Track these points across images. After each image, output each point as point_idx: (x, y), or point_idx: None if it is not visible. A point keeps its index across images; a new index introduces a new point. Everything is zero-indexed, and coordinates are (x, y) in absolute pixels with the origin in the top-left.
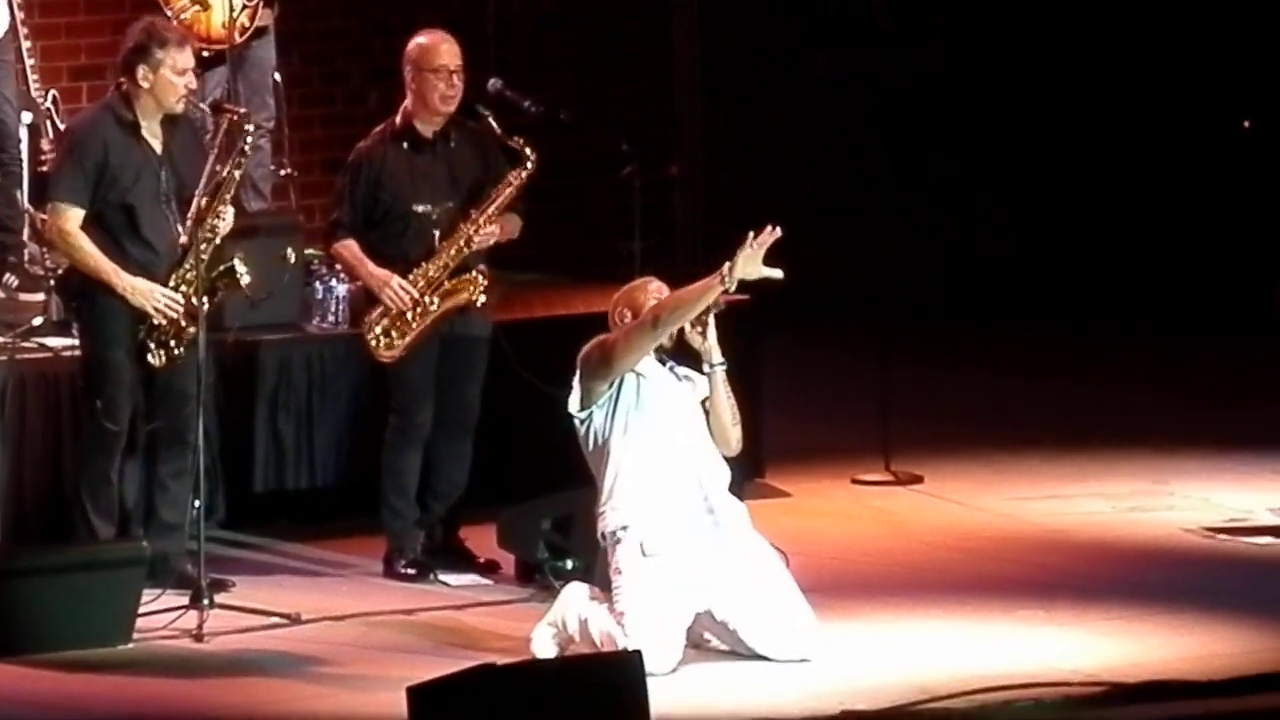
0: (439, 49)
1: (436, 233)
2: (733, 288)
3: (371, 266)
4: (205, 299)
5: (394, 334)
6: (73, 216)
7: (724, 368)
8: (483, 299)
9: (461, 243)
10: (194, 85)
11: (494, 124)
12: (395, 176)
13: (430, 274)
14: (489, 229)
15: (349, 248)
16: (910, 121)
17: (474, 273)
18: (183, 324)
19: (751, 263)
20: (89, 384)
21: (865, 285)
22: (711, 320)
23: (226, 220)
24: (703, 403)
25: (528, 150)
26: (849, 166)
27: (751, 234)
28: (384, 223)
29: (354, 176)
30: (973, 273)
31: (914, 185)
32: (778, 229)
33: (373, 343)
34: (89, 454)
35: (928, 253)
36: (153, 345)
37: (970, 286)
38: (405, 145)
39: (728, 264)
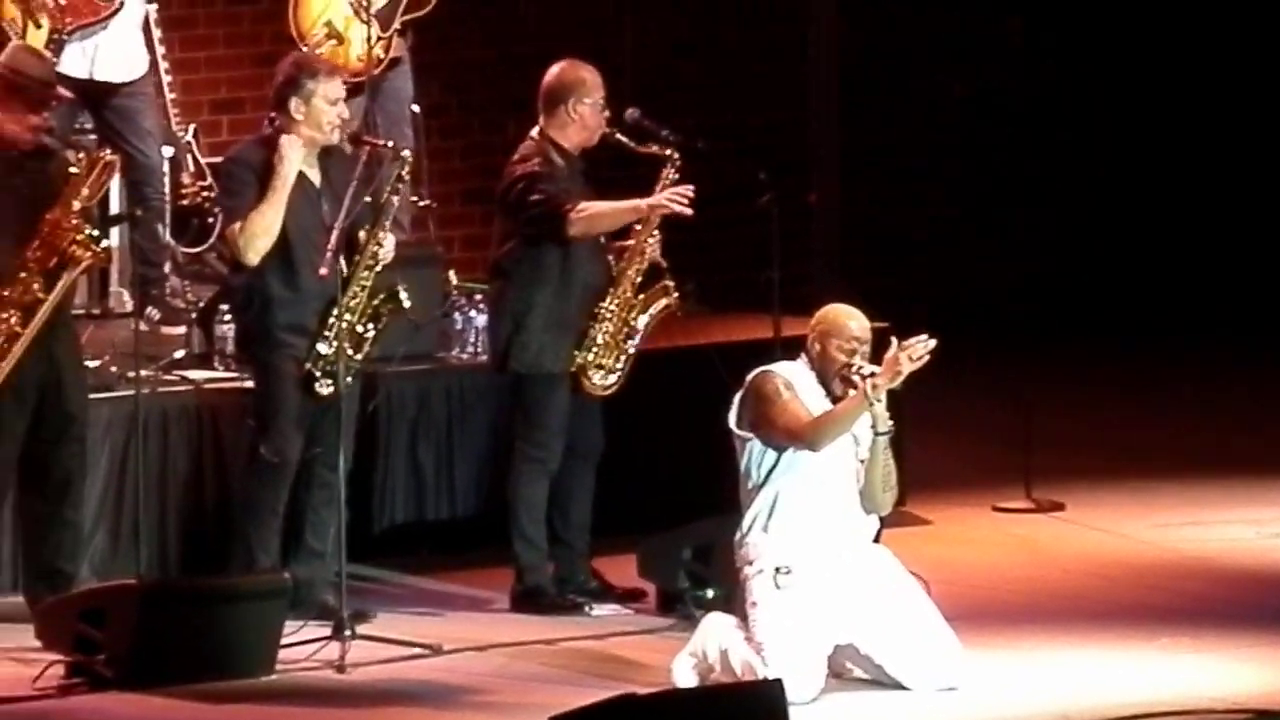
0: (597, 80)
1: (610, 258)
2: (878, 402)
3: (627, 202)
4: (370, 326)
5: (605, 365)
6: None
7: (889, 436)
8: (677, 302)
9: (640, 256)
10: (346, 115)
11: (624, 139)
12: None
13: (624, 295)
14: (656, 236)
15: (589, 205)
16: (1045, 141)
17: (663, 282)
18: (349, 352)
19: (899, 378)
20: (261, 419)
21: (1005, 308)
22: (885, 387)
23: (387, 247)
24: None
25: (667, 151)
26: (986, 188)
27: (896, 344)
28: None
29: (547, 181)
30: (1110, 293)
31: (1050, 205)
32: (931, 340)
33: (589, 381)
34: (258, 487)
35: (1065, 273)
36: (320, 376)
37: (1107, 307)
38: (566, 172)
39: (870, 381)
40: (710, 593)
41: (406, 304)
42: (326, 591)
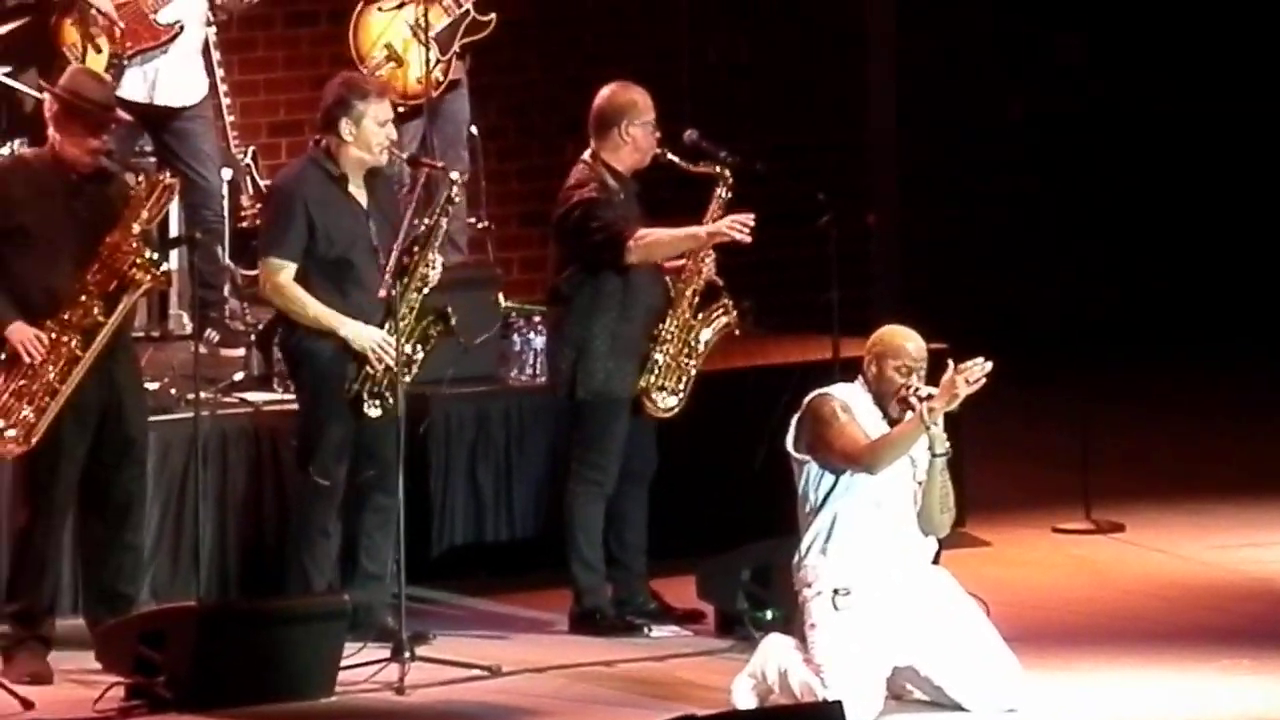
0: (648, 102)
1: (667, 279)
2: (934, 426)
3: (686, 230)
4: (419, 347)
5: (668, 386)
6: (286, 272)
7: (946, 458)
8: (736, 321)
9: (697, 276)
10: (394, 136)
11: (676, 159)
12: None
13: (683, 316)
14: (711, 256)
15: (648, 233)
16: (1103, 160)
17: (721, 301)
18: (397, 374)
19: (955, 401)
20: (305, 440)
21: (1064, 329)
22: (942, 410)
23: (436, 269)
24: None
25: (720, 169)
26: (1044, 209)
27: (952, 367)
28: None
29: (604, 207)
30: (1170, 312)
31: (1108, 225)
32: (988, 363)
33: (651, 404)
34: (307, 508)
35: (1124, 293)
36: (367, 397)
37: (1167, 327)
38: (621, 195)
39: (925, 404)
40: (769, 614)
41: (456, 326)
42: (385, 613)
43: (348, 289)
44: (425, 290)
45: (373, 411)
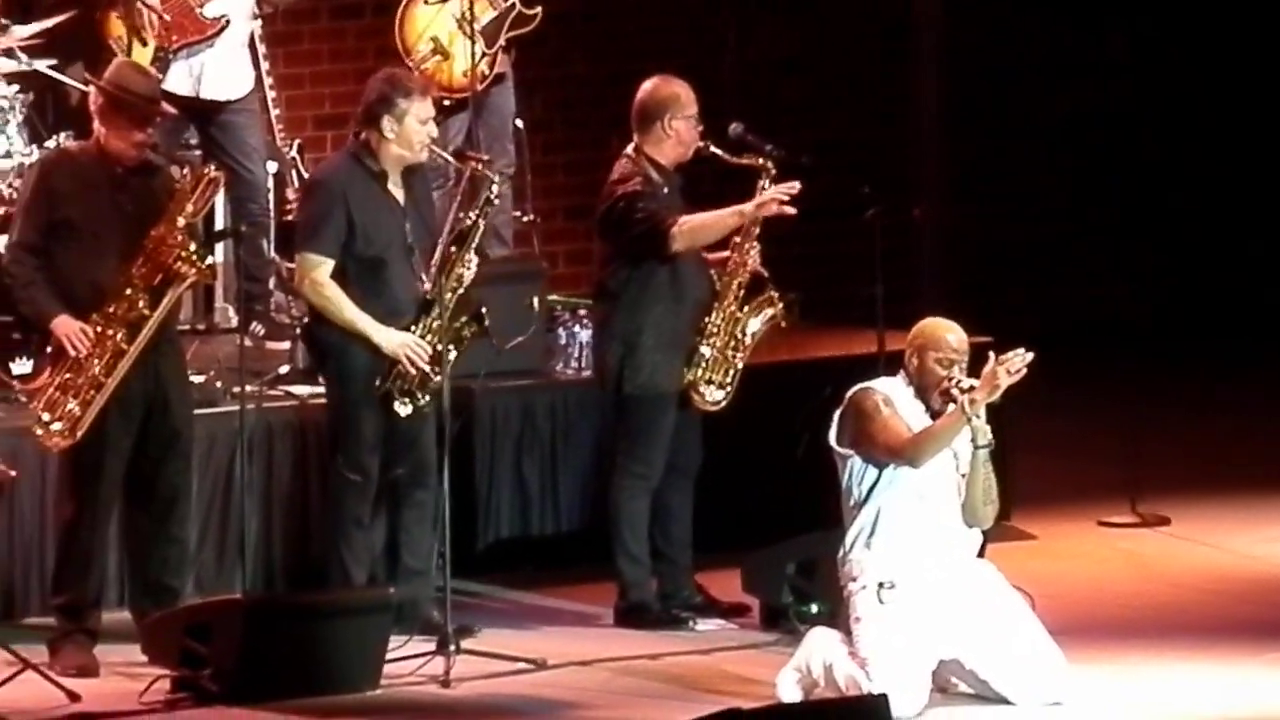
0: (690, 95)
1: (712, 272)
2: (976, 418)
3: (727, 210)
4: (452, 347)
5: (715, 380)
6: (324, 268)
7: (989, 450)
8: (783, 312)
9: (742, 268)
10: (435, 134)
11: (719, 151)
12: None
13: (728, 309)
14: (756, 247)
15: (690, 218)
16: (1149, 157)
17: (768, 293)
18: (429, 373)
19: (997, 392)
20: (335, 434)
21: (1110, 322)
22: (984, 402)
23: (471, 269)
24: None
25: (761, 161)
26: (1090, 203)
27: (993, 358)
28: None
29: (647, 199)
30: (1215, 307)
31: (1154, 221)
32: (1029, 353)
33: (699, 397)
34: (339, 502)
35: (1170, 287)
36: (398, 395)
37: (1213, 321)
38: (665, 189)
39: (967, 396)
40: (814, 607)
41: (489, 327)
42: (430, 607)
43: (380, 288)
44: (460, 289)
45: (403, 410)
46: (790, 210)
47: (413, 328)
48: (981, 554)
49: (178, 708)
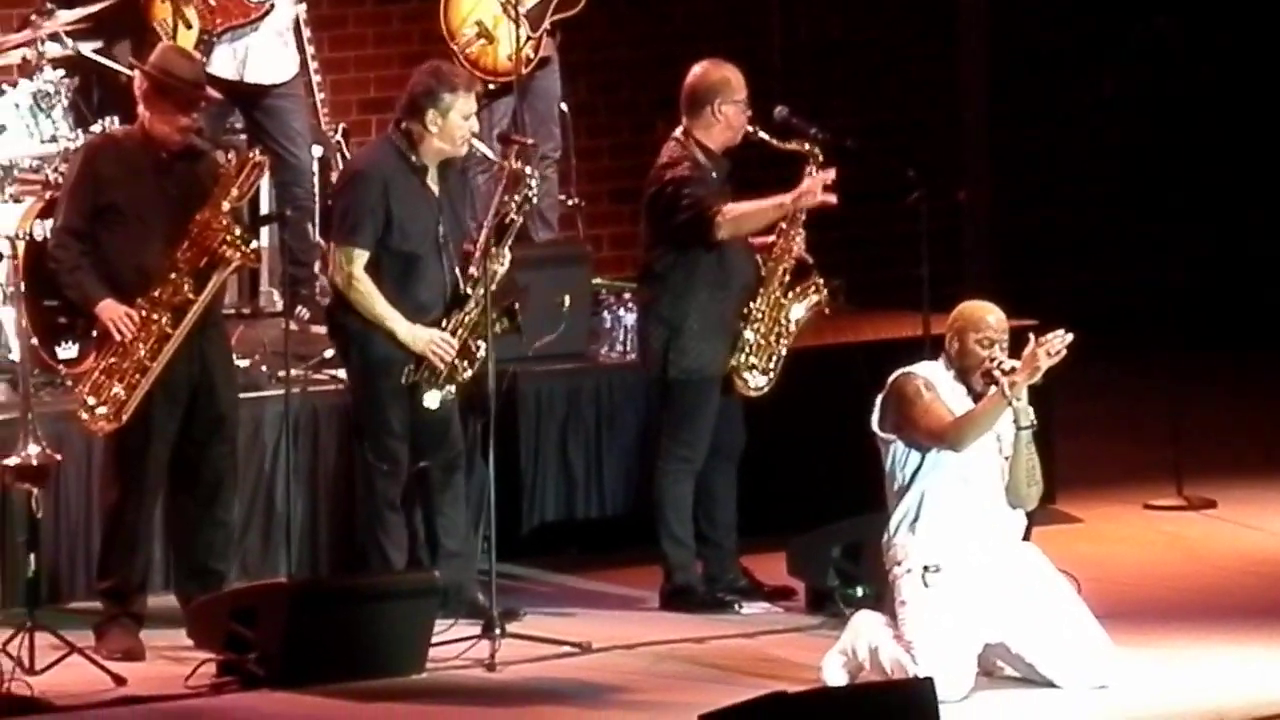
0: (740, 80)
1: (758, 258)
2: (1017, 400)
3: (770, 200)
4: (483, 341)
5: (758, 366)
6: (359, 259)
7: (1031, 431)
8: (827, 299)
9: (787, 254)
10: (476, 129)
11: (766, 136)
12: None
13: (773, 295)
14: (801, 233)
15: (735, 206)
16: (1197, 140)
17: (812, 279)
18: (457, 367)
19: (1037, 373)
20: (361, 423)
21: (1156, 305)
22: (1025, 383)
23: (505, 265)
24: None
25: (809, 147)
26: (1137, 186)
27: (1033, 340)
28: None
29: (695, 184)
30: (1262, 289)
31: (1201, 203)
32: (1068, 334)
33: (741, 382)
34: (370, 488)
35: (1217, 269)
36: (426, 388)
37: (1259, 303)
38: (713, 174)
39: (1008, 379)
40: (860, 591)
41: (520, 324)
42: (474, 589)
43: (412, 283)
44: (493, 286)
45: (431, 403)
46: (832, 199)
47: (444, 322)
48: (1027, 538)
49: (223, 692)
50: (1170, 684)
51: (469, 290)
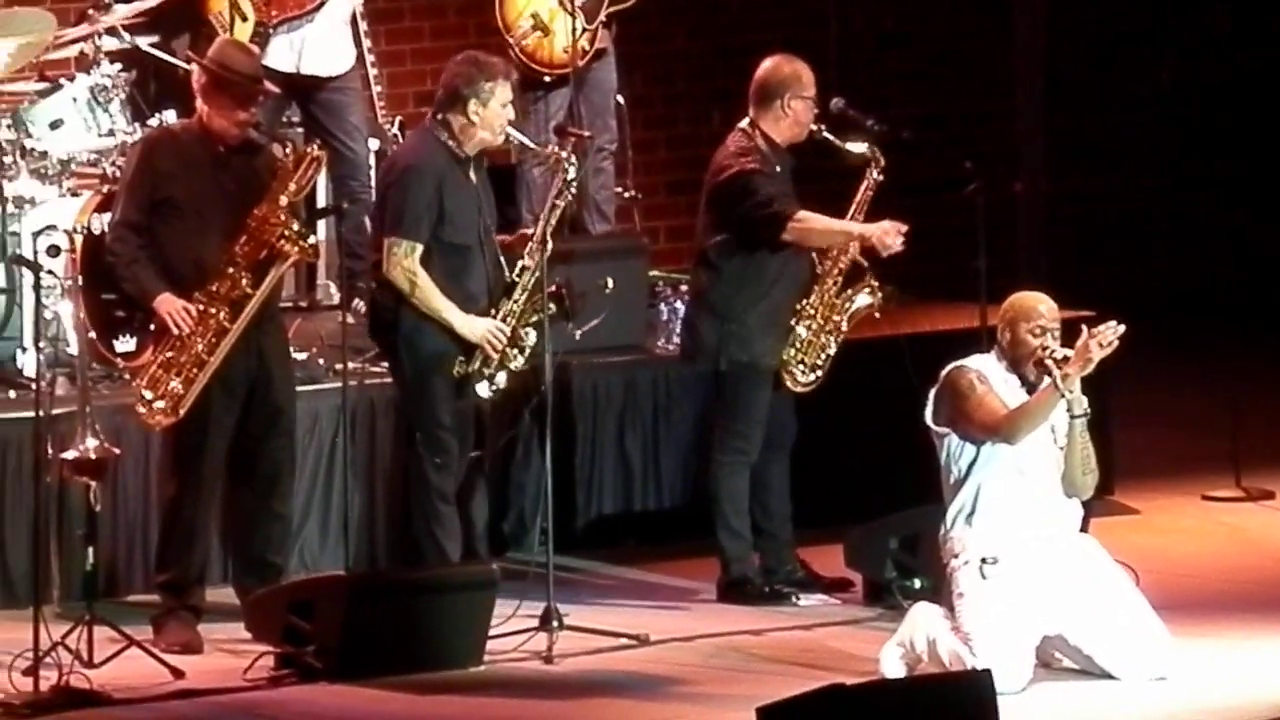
0: (810, 76)
1: (814, 255)
2: (1070, 394)
3: (843, 224)
4: (532, 329)
5: (808, 362)
6: (416, 254)
7: (1085, 419)
8: (879, 302)
9: (843, 255)
10: (513, 117)
11: (831, 138)
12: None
13: (827, 293)
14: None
15: (807, 218)
16: (1254, 129)
17: (866, 280)
18: (508, 354)
19: (1090, 365)
20: (413, 418)
21: (1213, 296)
22: (1078, 375)
23: (546, 250)
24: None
25: (874, 154)
26: (1193, 176)
27: (1086, 331)
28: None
29: (765, 181)
30: None
31: (1260, 194)
32: (1120, 325)
33: (790, 378)
34: (423, 481)
35: (1272, 260)
36: (477, 378)
37: None
38: (778, 168)
39: (1060, 371)
40: (917, 582)
41: (569, 309)
42: None
43: (463, 274)
44: (539, 274)
45: (485, 392)
46: (898, 249)
47: (492, 311)
48: (1085, 529)
49: (281, 685)
50: (1228, 676)
51: (515, 278)
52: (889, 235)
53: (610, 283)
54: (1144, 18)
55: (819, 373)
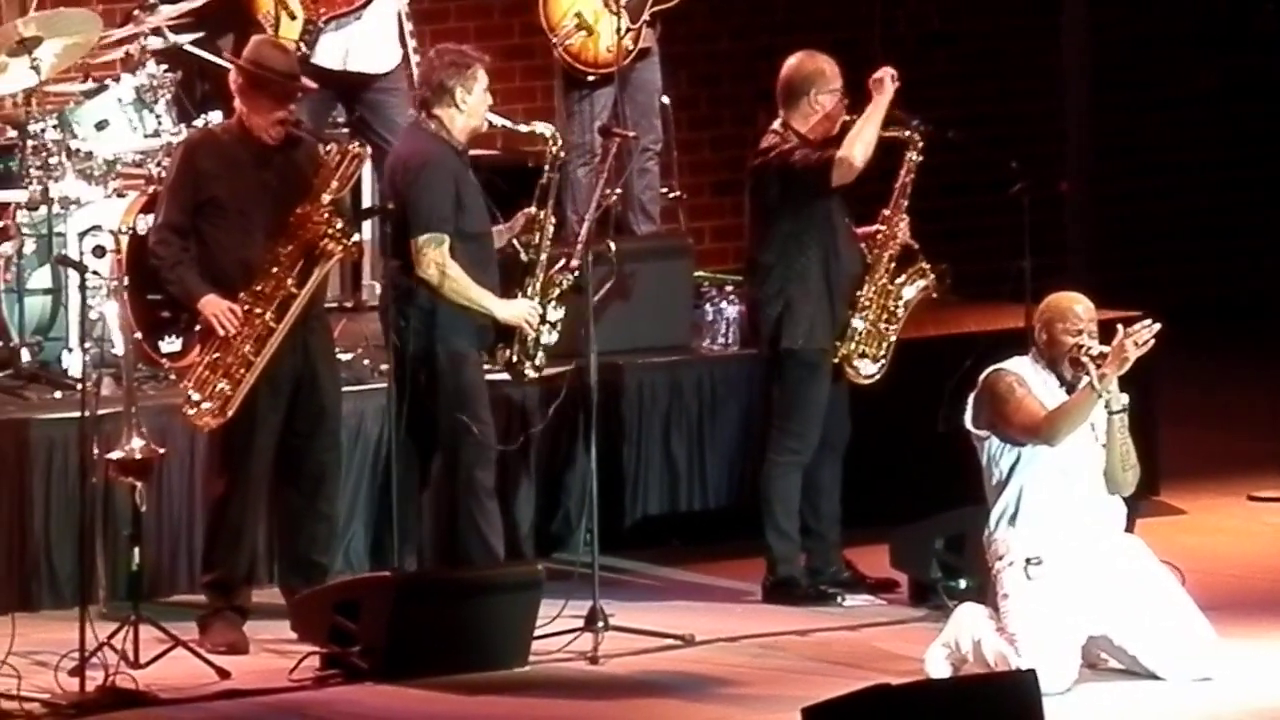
0: (835, 70)
1: (863, 245)
2: (1107, 392)
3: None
4: (556, 305)
5: (869, 353)
6: (445, 248)
7: (1124, 415)
8: (935, 284)
9: (893, 241)
10: (491, 102)
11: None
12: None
13: (880, 281)
14: (905, 219)
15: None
16: None
17: (919, 264)
18: (541, 332)
19: (1126, 364)
20: (454, 418)
21: (1258, 297)
22: (1114, 375)
23: (551, 226)
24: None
25: (910, 134)
26: (1239, 177)
27: (1121, 331)
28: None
29: (800, 150)
30: None
31: None
32: (1156, 325)
33: (853, 371)
34: (470, 477)
35: None
36: (516, 360)
37: None
38: None
39: (1098, 372)
40: (963, 583)
41: (580, 280)
42: None
43: (483, 263)
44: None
45: (531, 373)
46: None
47: (517, 292)
48: (1130, 529)
49: (327, 685)
50: (1274, 676)
51: (529, 257)
52: (885, 80)
53: (613, 246)
54: (1189, 18)
55: (882, 363)
